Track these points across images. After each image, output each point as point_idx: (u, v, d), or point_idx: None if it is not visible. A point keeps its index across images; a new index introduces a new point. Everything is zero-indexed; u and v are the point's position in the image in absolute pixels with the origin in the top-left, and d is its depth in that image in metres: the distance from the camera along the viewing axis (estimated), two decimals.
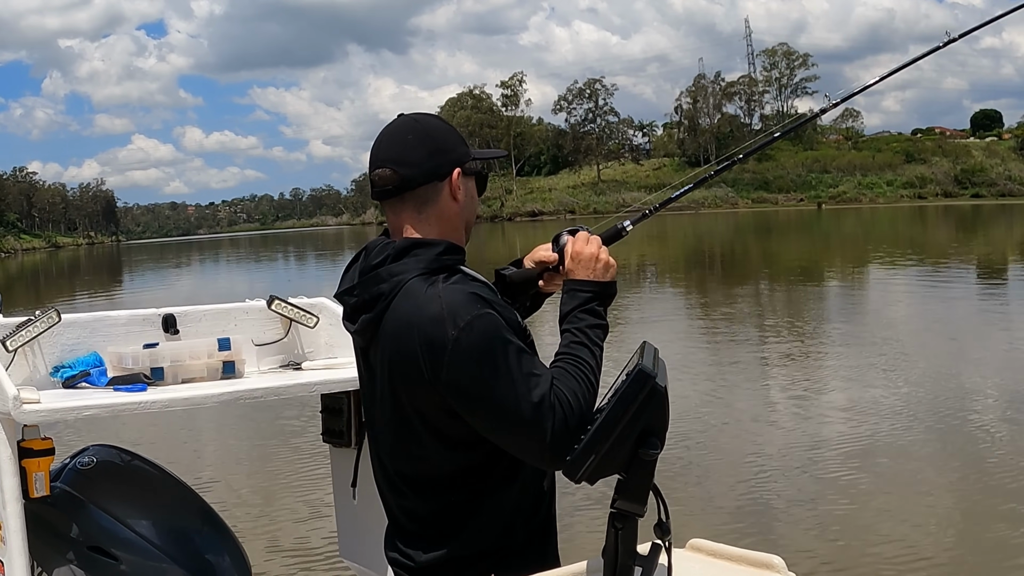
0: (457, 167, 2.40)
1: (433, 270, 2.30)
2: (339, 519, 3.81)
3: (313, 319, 3.74)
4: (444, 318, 2.20)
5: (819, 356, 13.87)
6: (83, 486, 3.24)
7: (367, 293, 2.33)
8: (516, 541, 2.40)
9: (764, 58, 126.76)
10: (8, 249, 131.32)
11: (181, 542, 3.32)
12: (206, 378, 3.40)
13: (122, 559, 3.18)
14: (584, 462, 2.13)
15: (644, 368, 2.14)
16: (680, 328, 18.01)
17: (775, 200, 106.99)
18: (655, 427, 2.14)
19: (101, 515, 3.22)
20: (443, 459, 2.34)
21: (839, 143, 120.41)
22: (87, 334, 3.44)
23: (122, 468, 3.40)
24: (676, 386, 11.27)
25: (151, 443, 9.38)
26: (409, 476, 2.41)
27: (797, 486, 7.67)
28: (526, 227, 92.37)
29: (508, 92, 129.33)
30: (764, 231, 60.47)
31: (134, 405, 3.05)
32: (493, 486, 2.35)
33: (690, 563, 2.35)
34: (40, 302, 33.73)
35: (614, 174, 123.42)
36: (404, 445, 2.38)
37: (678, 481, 7.93)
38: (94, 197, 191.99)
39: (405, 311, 2.26)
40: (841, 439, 8.95)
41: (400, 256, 2.32)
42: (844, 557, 6.33)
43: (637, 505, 2.12)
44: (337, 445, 3.66)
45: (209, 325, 3.62)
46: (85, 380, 3.32)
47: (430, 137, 2.40)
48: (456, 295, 2.24)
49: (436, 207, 2.39)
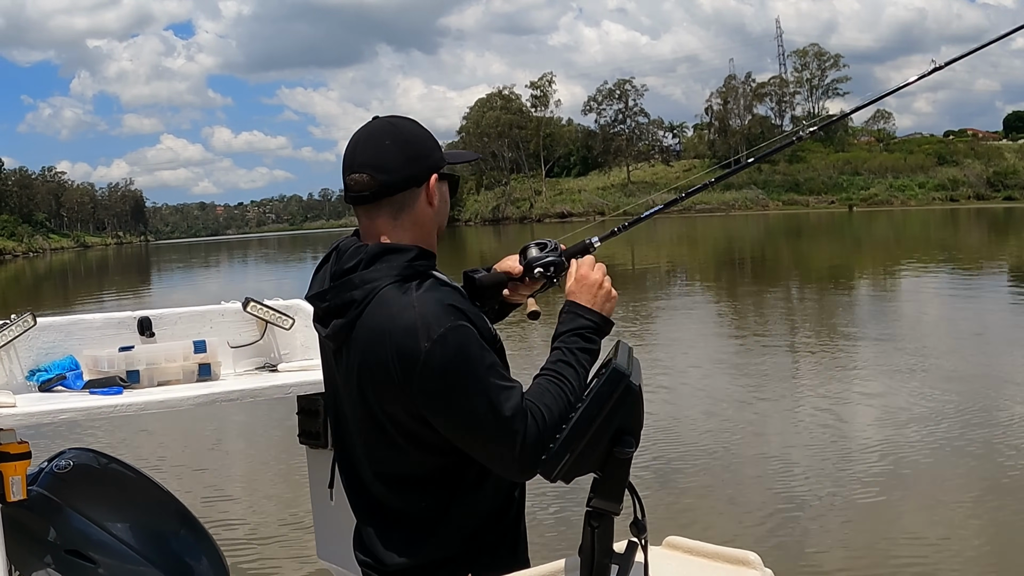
0: (434, 173, 2.38)
1: (406, 276, 2.28)
2: (316, 520, 3.81)
3: (288, 321, 3.75)
4: (417, 329, 2.18)
5: (848, 360, 13.56)
6: (60, 490, 3.24)
7: (339, 299, 2.31)
8: (486, 544, 2.38)
9: (795, 59, 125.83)
10: (37, 248, 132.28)
11: (159, 545, 3.32)
12: (182, 381, 3.42)
13: (100, 562, 3.18)
14: (559, 461, 2.14)
15: (618, 367, 2.16)
16: (707, 330, 17.88)
17: (806, 202, 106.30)
18: (630, 426, 2.16)
19: (79, 518, 3.23)
20: (413, 463, 2.33)
21: (870, 145, 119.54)
22: (63, 337, 3.46)
23: (99, 471, 3.41)
24: (705, 387, 11.39)
25: (128, 446, 9.46)
26: (379, 478, 2.39)
27: (822, 490, 7.55)
28: (555, 228, 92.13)
29: (537, 93, 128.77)
30: (794, 233, 60.05)
31: (110, 408, 3.06)
32: (464, 490, 2.34)
33: (667, 561, 2.36)
34: (68, 302, 34.07)
35: (644, 175, 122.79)
36: (374, 448, 2.37)
37: (701, 480, 7.95)
38: (123, 197, 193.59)
39: (378, 320, 2.24)
40: (869, 443, 8.82)
41: (372, 262, 2.30)
42: (870, 560, 6.26)
43: (613, 503, 2.13)
44: (314, 446, 3.67)
45: (185, 328, 3.63)
46: (61, 383, 3.34)
47: (409, 143, 2.38)
48: (430, 305, 2.23)
49: (412, 213, 2.37)
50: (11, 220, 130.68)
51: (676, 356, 14.51)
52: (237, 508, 7.75)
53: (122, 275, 61.15)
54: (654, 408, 10.62)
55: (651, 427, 9.75)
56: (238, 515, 7.55)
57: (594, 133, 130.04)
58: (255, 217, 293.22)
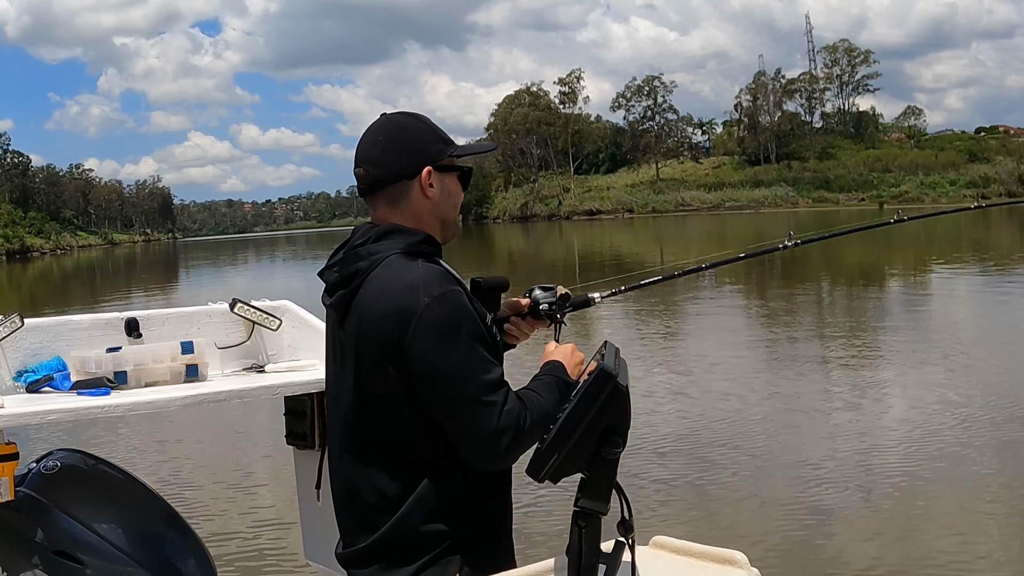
0: (428, 165, 2.49)
1: (412, 253, 2.41)
2: (303, 521, 3.81)
3: (276, 322, 3.76)
4: (418, 286, 2.31)
5: (877, 360, 13.51)
6: (48, 490, 3.24)
7: (346, 269, 2.44)
8: (457, 535, 2.42)
9: (825, 55, 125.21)
10: (64, 246, 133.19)
11: (146, 546, 3.31)
12: (169, 381, 3.42)
13: (87, 563, 3.18)
14: (547, 461, 2.17)
15: (605, 368, 2.20)
16: (735, 329, 17.79)
17: (836, 199, 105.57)
18: (617, 426, 2.19)
19: (66, 519, 3.22)
20: (390, 440, 2.40)
21: (901, 142, 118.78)
22: (50, 338, 3.47)
23: (87, 472, 3.40)
24: (732, 387, 11.34)
25: (116, 447, 9.57)
26: (358, 455, 2.47)
27: (851, 492, 7.49)
28: (583, 226, 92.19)
29: (566, 89, 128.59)
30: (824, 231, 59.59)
31: (97, 409, 3.06)
32: (437, 477, 2.39)
33: (654, 560, 2.38)
34: (95, 299, 34.28)
35: (673, 172, 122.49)
36: (358, 424, 2.45)
37: (727, 479, 7.97)
38: (150, 194, 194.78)
39: (382, 279, 2.37)
40: (897, 440, 8.81)
41: (381, 237, 2.45)
42: (897, 559, 6.24)
43: (600, 503, 2.17)
44: (301, 447, 3.67)
45: (172, 328, 3.64)
46: (49, 384, 3.34)
47: (400, 137, 2.50)
48: (433, 271, 2.38)
49: (409, 203, 2.50)
50: (39, 217, 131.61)
51: (702, 354, 14.59)
52: (224, 509, 7.81)
53: (149, 272, 61.48)
54: (682, 406, 10.64)
55: (680, 423, 9.80)
56: (225, 516, 7.61)
57: (623, 130, 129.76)
58: (283, 214, 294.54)
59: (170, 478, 8.65)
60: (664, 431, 9.55)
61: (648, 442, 9.00)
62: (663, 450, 8.87)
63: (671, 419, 10.13)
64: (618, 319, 18.55)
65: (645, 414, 9.86)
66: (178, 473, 8.99)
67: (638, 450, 8.54)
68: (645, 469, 8.19)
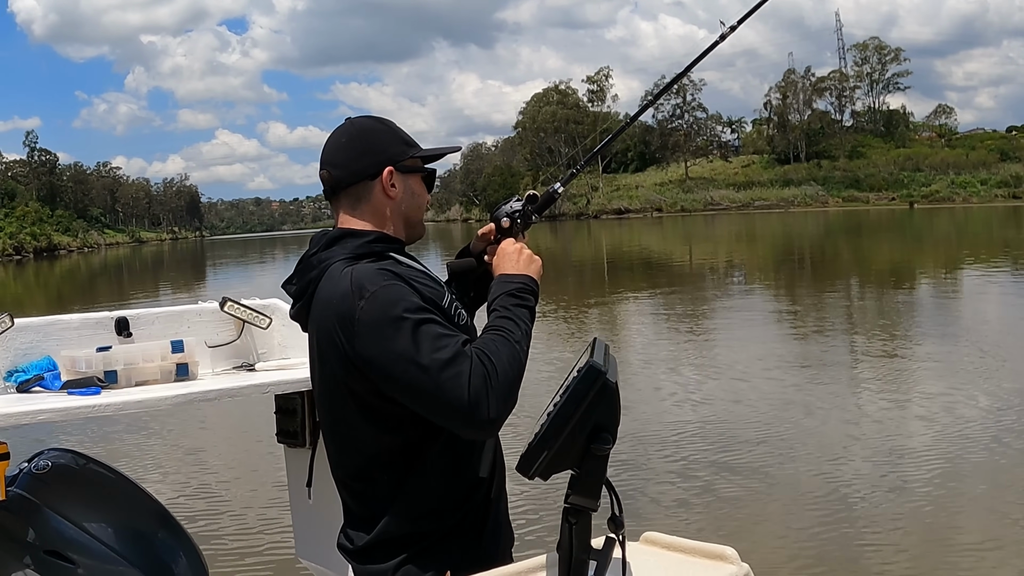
0: (388, 166, 2.51)
1: (359, 256, 2.44)
2: (295, 519, 3.81)
3: (266, 320, 3.76)
4: (351, 292, 2.32)
5: (907, 363, 13.33)
6: (39, 490, 3.24)
7: (301, 280, 2.50)
8: (444, 527, 2.44)
9: (855, 52, 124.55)
10: (92, 243, 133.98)
11: (138, 545, 3.32)
12: (160, 380, 3.43)
13: (79, 563, 3.18)
14: (537, 458, 2.14)
15: (595, 364, 2.16)
16: (764, 330, 17.71)
17: (866, 199, 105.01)
18: (607, 423, 2.15)
19: (57, 519, 3.23)
20: (370, 440, 2.42)
21: (932, 140, 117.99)
22: (40, 338, 3.48)
23: (78, 472, 3.40)
24: (762, 388, 11.30)
25: (106, 446, 9.59)
26: (346, 457, 2.50)
27: (879, 497, 7.42)
28: (612, 225, 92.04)
29: (594, 87, 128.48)
30: (854, 231, 59.35)
31: (88, 408, 3.07)
32: (421, 470, 2.41)
33: (644, 556, 2.35)
34: (123, 297, 34.49)
35: (702, 171, 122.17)
36: (338, 425, 2.49)
37: (754, 480, 7.94)
38: (178, 192, 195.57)
39: (324, 290, 2.41)
40: (926, 444, 8.73)
41: (330, 244, 2.48)
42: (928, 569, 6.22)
43: (590, 500, 2.14)
44: (292, 445, 3.67)
45: (162, 328, 3.65)
46: (39, 384, 3.35)
47: (361, 139, 2.55)
48: (366, 272, 2.37)
49: (369, 204, 2.52)
50: (66, 215, 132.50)
51: (732, 353, 14.58)
52: (216, 508, 7.83)
53: (176, 270, 61.84)
54: (709, 406, 10.61)
55: (709, 422, 9.80)
56: (217, 515, 7.63)
57: (652, 128, 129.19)
58: (310, 213, 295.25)
59: (161, 477, 8.71)
60: (693, 428, 9.60)
61: (675, 436, 9.02)
62: (687, 446, 8.91)
63: (700, 417, 10.18)
64: (646, 314, 18.50)
65: (673, 407, 9.82)
66: (169, 472, 9.03)
67: (667, 448, 8.49)
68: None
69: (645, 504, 7.38)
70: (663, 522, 6.82)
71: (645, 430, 9.66)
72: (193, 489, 8.41)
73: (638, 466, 8.39)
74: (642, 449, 8.95)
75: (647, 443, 9.15)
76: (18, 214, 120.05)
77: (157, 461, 9.44)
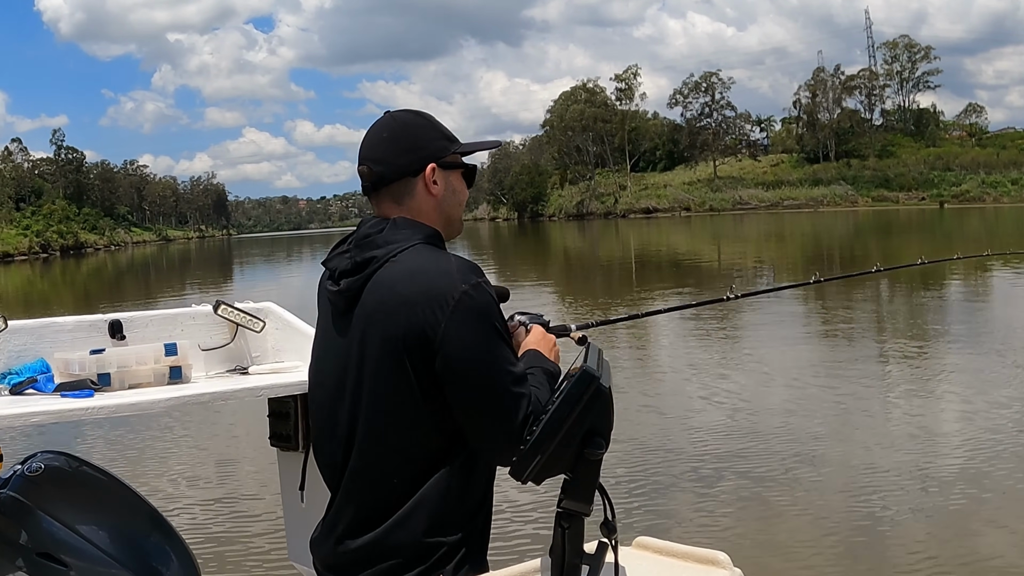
0: (431, 162, 2.51)
1: (431, 244, 2.45)
2: (287, 523, 3.81)
3: (259, 323, 3.76)
4: (454, 272, 2.32)
5: (937, 367, 13.10)
6: (32, 493, 3.24)
7: (361, 256, 2.44)
8: (450, 541, 2.40)
9: (885, 50, 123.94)
10: (118, 242, 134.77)
11: (130, 548, 3.32)
12: (153, 383, 3.42)
13: (72, 565, 3.18)
14: (530, 462, 2.20)
15: (588, 369, 2.21)
16: (794, 331, 17.52)
17: (896, 198, 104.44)
18: (600, 427, 2.20)
19: (50, 522, 3.23)
20: (389, 442, 2.39)
21: (962, 140, 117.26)
22: (34, 340, 3.48)
23: (71, 474, 3.40)
24: (790, 386, 11.28)
25: (99, 449, 9.60)
26: (354, 457, 2.45)
27: (908, 506, 7.29)
28: (640, 224, 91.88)
29: (622, 86, 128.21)
30: (884, 230, 58.99)
31: (81, 411, 3.07)
32: (439, 480, 2.38)
33: (637, 560, 2.40)
34: (150, 295, 34.67)
35: (731, 170, 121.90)
36: (370, 414, 2.42)
37: (783, 484, 7.88)
38: (205, 190, 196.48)
39: (410, 263, 2.38)
40: (956, 448, 8.61)
41: (397, 228, 2.46)
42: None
43: (583, 504, 2.19)
44: (285, 449, 3.67)
45: (156, 330, 3.65)
46: (32, 387, 3.34)
47: (403, 135, 2.53)
48: (467, 262, 2.40)
49: (414, 200, 2.51)
50: (93, 213, 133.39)
51: (761, 355, 14.46)
52: (208, 511, 7.85)
53: (204, 269, 62.10)
54: (737, 408, 10.61)
55: (737, 426, 9.77)
56: (209, 518, 7.65)
57: (680, 127, 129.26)
58: (338, 211, 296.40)
59: (154, 480, 8.72)
60: (720, 433, 9.55)
61: (703, 441, 9.02)
62: (712, 451, 8.87)
63: (731, 420, 10.13)
64: (673, 317, 18.40)
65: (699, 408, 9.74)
66: (162, 475, 9.03)
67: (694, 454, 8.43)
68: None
69: (656, 508, 7.35)
70: (659, 525, 6.85)
71: (669, 435, 9.67)
72: (186, 492, 8.45)
73: (634, 470, 8.35)
74: (641, 452, 8.92)
75: (648, 448, 9.13)
76: (45, 212, 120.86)
77: (150, 464, 9.46)
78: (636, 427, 9.76)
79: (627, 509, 7.07)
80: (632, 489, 7.72)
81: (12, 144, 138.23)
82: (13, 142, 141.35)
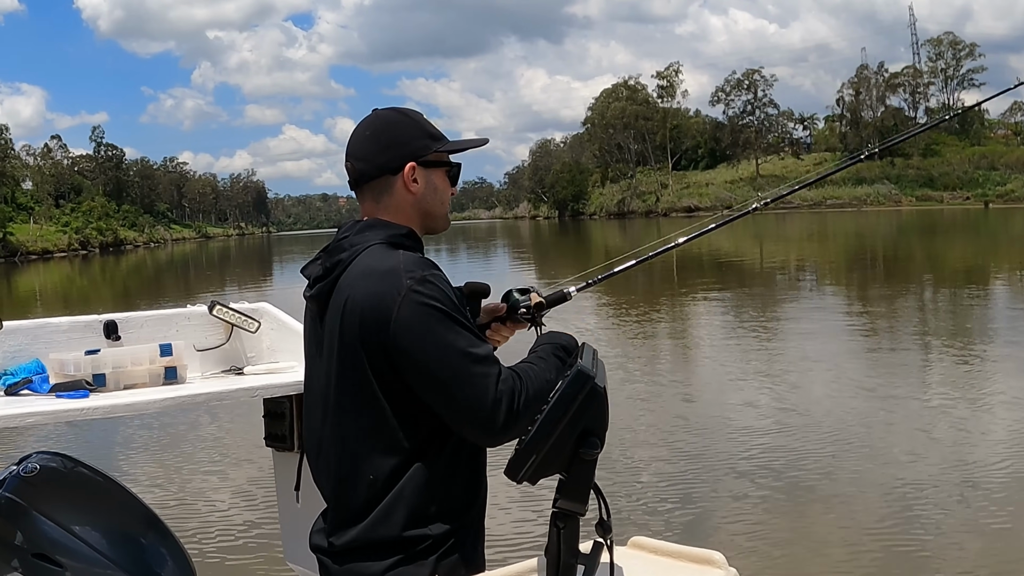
0: (411, 161, 2.52)
1: (393, 244, 2.46)
2: (283, 523, 3.81)
3: (254, 324, 3.76)
4: (400, 269, 2.34)
5: (979, 372, 12.89)
6: (27, 493, 3.25)
7: (329, 261, 2.49)
8: (439, 536, 2.41)
9: (929, 48, 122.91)
10: (158, 239, 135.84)
11: (126, 548, 3.32)
12: (148, 384, 3.43)
13: (67, 566, 3.18)
14: (525, 462, 2.16)
15: (583, 369, 2.19)
16: (834, 334, 17.34)
17: (940, 198, 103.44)
18: (595, 427, 2.19)
19: (45, 522, 3.23)
20: (370, 436, 2.40)
21: (1007, 139, 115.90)
22: (29, 341, 3.49)
23: (66, 475, 3.41)
24: (830, 392, 11.26)
25: (94, 449, 9.68)
26: (338, 452, 2.47)
27: (948, 512, 7.21)
28: (681, 223, 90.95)
29: (664, 83, 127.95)
30: (928, 230, 58.45)
31: (76, 411, 3.09)
32: (419, 471, 2.39)
33: (632, 560, 2.38)
34: (189, 293, 34.91)
35: (773, 168, 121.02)
36: (337, 419, 2.46)
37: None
38: (245, 188, 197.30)
39: (362, 265, 2.41)
40: (1000, 456, 8.51)
41: (363, 230, 2.51)
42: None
43: (578, 504, 2.17)
44: (280, 449, 3.67)
45: (151, 331, 3.66)
46: (27, 387, 3.35)
47: (385, 132, 2.56)
48: (414, 257, 2.41)
49: (392, 198, 2.54)
50: (132, 210, 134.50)
51: (802, 356, 14.47)
52: (204, 512, 7.88)
53: (243, 267, 62.48)
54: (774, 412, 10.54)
55: (772, 427, 9.73)
56: (205, 519, 7.67)
57: (722, 125, 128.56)
58: None
59: (149, 481, 8.77)
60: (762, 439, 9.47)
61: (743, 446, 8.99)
62: (745, 454, 8.82)
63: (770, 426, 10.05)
64: (715, 314, 18.33)
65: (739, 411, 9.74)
66: (157, 476, 9.09)
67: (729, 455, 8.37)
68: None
69: None
70: (655, 525, 6.87)
71: (669, 434, 9.67)
72: (181, 493, 8.49)
73: (626, 470, 8.35)
74: (641, 452, 8.93)
75: (648, 448, 9.14)
76: (84, 209, 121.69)
77: (145, 464, 9.52)
78: (636, 426, 9.82)
79: (622, 509, 7.07)
80: (630, 489, 7.74)
81: (52, 141, 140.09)
82: (53, 139, 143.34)
